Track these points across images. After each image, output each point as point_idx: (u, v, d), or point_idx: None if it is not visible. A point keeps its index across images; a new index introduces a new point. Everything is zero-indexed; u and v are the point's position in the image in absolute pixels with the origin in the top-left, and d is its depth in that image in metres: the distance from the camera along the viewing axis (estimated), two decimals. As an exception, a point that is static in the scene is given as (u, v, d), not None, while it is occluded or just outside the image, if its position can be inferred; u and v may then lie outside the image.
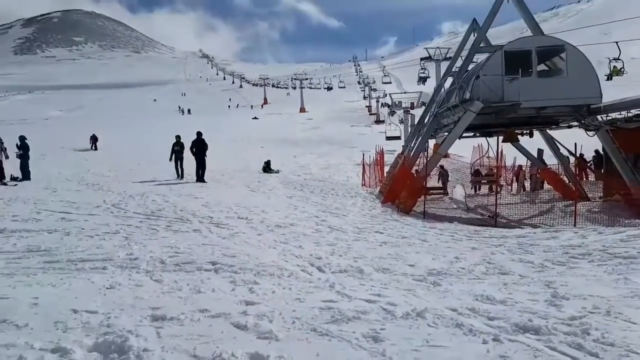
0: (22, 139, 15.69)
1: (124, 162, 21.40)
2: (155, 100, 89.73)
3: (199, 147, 15.28)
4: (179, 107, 76.18)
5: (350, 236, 7.66)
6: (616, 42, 14.82)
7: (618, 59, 14.44)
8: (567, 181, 16.24)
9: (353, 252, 6.21)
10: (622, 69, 14.45)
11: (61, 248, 5.71)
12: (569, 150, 15.92)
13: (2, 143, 15.01)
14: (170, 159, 15.79)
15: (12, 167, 15.08)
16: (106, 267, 4.89)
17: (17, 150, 15.27)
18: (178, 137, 16.18)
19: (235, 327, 3.29)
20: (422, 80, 43.61)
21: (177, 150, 15.83)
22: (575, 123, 14.28)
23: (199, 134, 15.82)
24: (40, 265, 4.98)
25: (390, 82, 73.30)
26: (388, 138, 27.89)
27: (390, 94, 47.30)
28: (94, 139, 29.72)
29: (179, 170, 15.67)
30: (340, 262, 5.43)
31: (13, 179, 14.82)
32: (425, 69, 36.40)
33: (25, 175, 15.05)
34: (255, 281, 4.49)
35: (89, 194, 11.39)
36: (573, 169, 16.47)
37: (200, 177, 15.01)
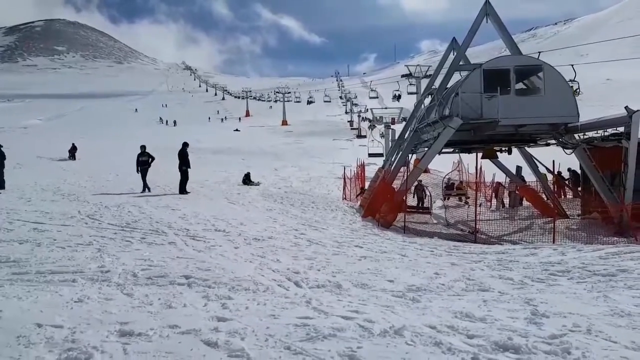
0: None
1: (102, 173, 20.98)
2: (136, 110, 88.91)
3: (184, 158, 15.07)
4: (160, 118, 75.53)
5: (329, 250, 7.56)
6: (572, 65, 15.34)
7: (574, 80, 14.89)
8: (546, 198, 16.48)
9: (332, 266, 6.11)
10: (578, 90, 14.93)
11: (31, 259, 5.50)
12: (547, 168, 16.18)
13: None
14: (138, 171, 15.01)
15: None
16: (76, 280, 4.70)
17: None
18: (143, 147, 15.48)
19: (205, 345, 3.15)
20: (397, 97, 44.88)
21: (143, 161, 15.10)
22: (553, 141, 14.55)
23: (185, 144, 15.61)
24: (8, 277, 4.77)
25: (377, 97, 73.97)
26: (370, 155, 27.99)
27: (371, 109, 47.85)
28: (72, 149, 29.16)
29: (145, 182, 14.89)
30: (318, 277, 5.32)
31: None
32: (398, 90, 37.97)
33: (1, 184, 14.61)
34: (229, 296, 4.36)
35: (64, 204, 11.08)
36: (551, 186, 16.74)
37: (182, 189, 14.78)
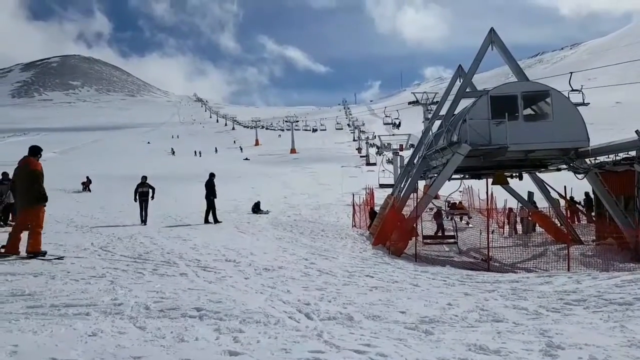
0: (5, 176, 15.61)
1: (115, 204, 21.22)
2: (149, 142, 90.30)
3: (211, 188, 15.27)
4: (172, 149, 76.66)
5: (340, 280, 7.52)
6: (570, 73, 15.53)
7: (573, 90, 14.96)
8: (559, 224, 16.29)
9: (343, 297, 6.06)
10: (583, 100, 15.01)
11: (45, 292, 5.53)
12: (558, 193, 16.06)
13: (10, 181, 14.73)
14: (135, 200, 14.82)
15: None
16: (89, 313, 4.72)
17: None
18: (144, 177, 15.41)
19: (218, 380, 3.13)
20: (397, 125, 45.50)
21: (143, 192, 14.92)
22: (564, 166, 14.49)
23: (212, 175, 15.86)
24: (23, 311, 4.79)
25: (392, 123, 73.50)
26: (381, 186, 27.86)
27: (379, 135, 48.19)
28: (87, 181, 29.64)
29: (143, 214, 14.64)
30: (329, 309, 5.29)
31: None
32: (389, 115, 38.87)
33: (14, 216, 14.84)
34: (240, 329, 4.34)
35: (78, 236, 11.21)
36: (564, 211, 16.56)
37: (208, 218, 14.94)
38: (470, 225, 16.84)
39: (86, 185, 29.56)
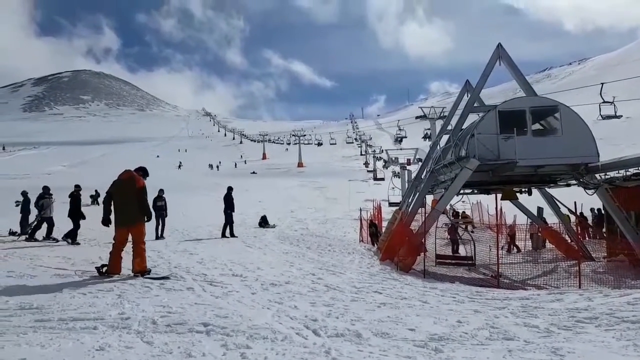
0: (24, 194, 15.81)
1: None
2: (158, 156, 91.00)
3: (229, 202, 15.32)
4: (180, 162, 77.17)
5: (347, 296, 7.45)
6: (602, 84, 15.42)
7: (606, 101, 14.88)
8: (569, 240, 16.10)
9: (350, 313, 6.00)
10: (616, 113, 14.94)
11: (53, 306, 5.54)
12: (569, 209, 15.91)
13: (51, 195, 14.82)
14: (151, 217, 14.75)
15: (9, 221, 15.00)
16: (97, 327, 4.71)
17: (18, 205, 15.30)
18: (161, 191, 15.13)
19: (225, 397, 3.09)
20: (399, 140, 45.35)
21: (160, 206, 14.64)
22: (574, 181, 14.38)
23: (230, 189, 15.91)
24: (31, 324, 4.80)
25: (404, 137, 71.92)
26: (391, 204, 27.36)
27: (386, 149, 48.20)
28: (95, 195, 29.85)
29: (160, 230, 14.44)
30: (337, 325, 5.23)
31: (11, 233, 14.73)
32: (402, 129, 38.28)
33: (20, 228, 14.97)
34: (247, 345, 4.30)
35: (86, 249, 11.26)
36: (574, 227, 16.38)
37: (225, 232, 14.95)
38: (472, 232, 16.59)
39: (94, 198, 29.74)
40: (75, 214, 13.12)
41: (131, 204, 7.61)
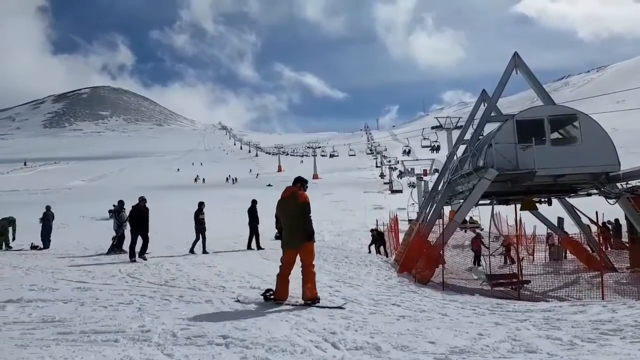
0: (47, 208, 16.22)
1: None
2: (178, 169, 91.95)
3: (253, 214, 15.45)
4: (197, 176, 77.90)
5: (365, 309, 7.39)
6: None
7: None
8: (591, 250, 15.77)
9: (369, 326, 5.95)
10: None
11: (75, 319, 5.63)
12: (590, 219, 15.60)
13: (122, 210, 15.25)
14: (197, 231, 14.16)
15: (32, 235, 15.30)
16: (118, 340, 4.77)
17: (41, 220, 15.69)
18: (202, 204, 14.90)
19: (245, 410, 3.10)
20: (436, 148, 44.46)
21: (202, 219, 14.44)
22: (595, 191, 14.12)
23: (254, 202, 16.05)
24: (54, 337, 4.89)
25: (410, 152, 70.32)
26: (411, 221, 26.78)
27: (402, 160, 47.99)
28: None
29: (202, 245, 14.19)
30: (356, 338, 5.19)
31: (33, 247, 15.03)
32: (428, 138, 37.39)
33: (45, 244, 15.29)
34: (266, 358, 4.31)
35: (106, 263, 11.41)
36: (596, 237, 16.05)
37: (251, 245, 15.11)
38: (479, 231, 16.41)
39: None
40: (143, 227, 12.40)
41: (297, 223, 7.06)
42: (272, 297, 7.09)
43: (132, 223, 12.42)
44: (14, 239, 15.48)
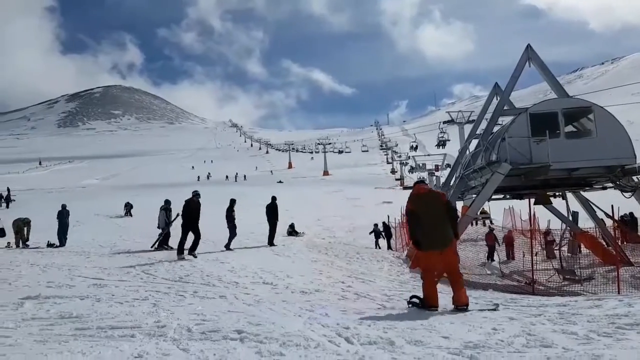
0: (63, 207, 16.48)
1: (155, 229, 21.74)
2: (193, 167, 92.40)
3: (273, 211, 15.60)
4: (208, 173, 78.36)
5: (378, 304, 7.41)
6: None
7: None
8: (606, 245, 15.56)
9: (382, 321, 5.95)
10: None
11: (92, 315, 5.71)
12: (605, 213, 15.39)
13: (169, 208, 15.64)
14: (229, 227, 14.15)
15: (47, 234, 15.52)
16: (134, 335, 4.83)
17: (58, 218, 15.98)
18: (233, 201, 15.18)
19: (261, 403, 3.12)
20: (442, 143, 44.11)
21: (233, 217, 14.64)
22: (610, 184, 13.93)
23: (274, 198, 16.21)
24: (72, 332, 4.96)
25: (417, 147, 71.15)
26: None
27: (413, 156, 47.76)
28: (128, 206, 30.62)
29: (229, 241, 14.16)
30: (369, 333, 5.20)
31: (50, 245, 15.27)
32: (444, 132, 36.51)
33: (58, 241, 15.54)
34: (281, 352, 4.33)
35: (121, 259, 11.54)
36: (612, 231, 15.84)
37: (273, 241, 15.22)
38: (492, 225, 16.23)
39: (127, 210, 30.51)
40: (195, 223, 11.94)
41: (442, 222, 6.54)
42: (419, 304, 6.75)
43: (185, 218, 11.85)
44: (27, 239, 15.74)
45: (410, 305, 6.82)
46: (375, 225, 21.86)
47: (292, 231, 20.66)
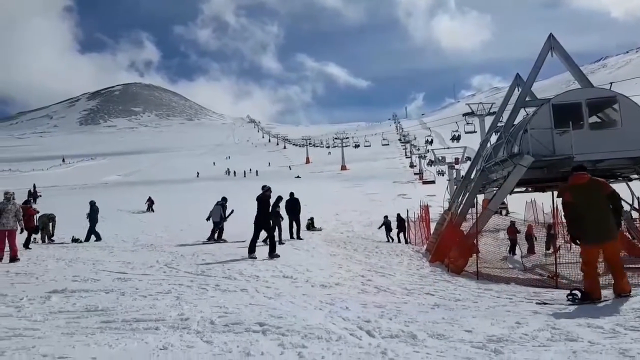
0: (92, 203, 16.94)
1: (176, 223, 22.07)
2: (214, 163, 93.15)
3: (292, 206, 15.76)
4: (227, 169, 78.99)
5: (399, 298, 7.38)
6: None
7: None
8: (631, 237, 15.18)
9: (403, 315, 5.93)
10: None
11: (117, 308, 5.82)
12: (631, 205, 15.00)
13: (225, 204, 16.31)
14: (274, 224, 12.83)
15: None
16: (159, 328, 4.91)
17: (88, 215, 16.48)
18: (280, 198, 14.79)
19: (285, 395, 3.15)
20: (457, 138, 43.62)
21: (278, 212, 14.33)
22: (636, 175, 13.58)
23: (292, 194, 16.36)
24: (98, 325, 5.07)
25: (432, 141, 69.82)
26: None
27: (432, 149, 47.26)
28: (150, 202, 31.15)
29: (279, 235, 13.81)
30: (390, 326, 5.19)
31: (74, 240, 15.64)
32: (471, 123, 35.61)
33: (94, 236, 16.05)
34: (303, 344, 4.36)
35: (144, 254, 11.74)
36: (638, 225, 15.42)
37: (299, 235, 15.51)
38: (508, 216, 15.88)
39: (149, 205, 31.02)
40: (266, 220, 11.44)
41: (603, 214, 6.16)
42: (581, 298, 6.54)
43: (259, 215, 11.28)
44: (52, 234, 16.13)
45: (569, 299, 6.55)
46: (385, 217, 21.80)
47: (310, 224, 20.72)
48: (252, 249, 11.01)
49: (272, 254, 10.99)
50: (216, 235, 15.55)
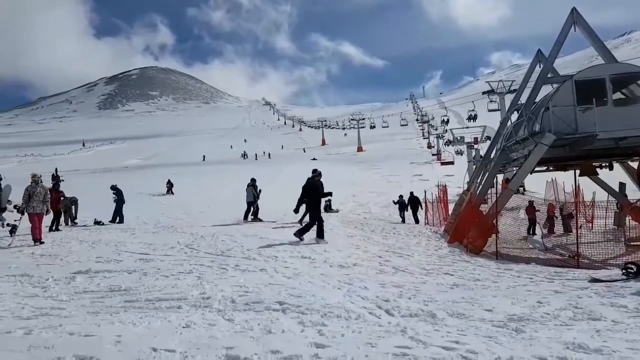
0: (114, 187, 17.27)
1: (196, 206, 22.33)
2: (232, 147, 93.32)
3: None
4: (244, 152, 79.12)
5: (417, 278, 7.38)
6: None
7: None
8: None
9: (422, 294, 5.93)
10: None
11: (140, 288, 5.94)
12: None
13: (255, 185, 17.11)
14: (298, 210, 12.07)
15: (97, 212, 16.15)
16: (181, 307, 5.01)
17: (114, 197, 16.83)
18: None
19: (307, 371, 3.19)
20: (473, 118, 42.83)
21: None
22: (662, 153, 13.20)
23: (315, 170, 16.39)
24: (122, 304, 5.20)
25: (448, 121, 68.40)
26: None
27: (450, 129, 46.57)
28: (169, 184, 31.57)
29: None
30: (409, 305, 5.19)
31: (97, 223, 15.96)
32: (495, 101, 34.53)
33: (120, 218, 16.42)
34: (323, 323, 4.40)
35: (165, 235, 11.93)
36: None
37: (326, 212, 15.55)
38: (525, 194, 15.40)
39: (169, 188, 31.45)
40: (316, 206, 11.09)
41: None
42: (635, 272, 6.70)
43: (309, 199, 11.04)
44: (75, 217, 16.48)
45: (624, 273, 6.67)
46: (400, 196, 21.69)
47: (328, 206, 20.75)
48: (302, 232, 10.74)
49: (319, 236, 10.75)
50: (250, 214, 16.33)
